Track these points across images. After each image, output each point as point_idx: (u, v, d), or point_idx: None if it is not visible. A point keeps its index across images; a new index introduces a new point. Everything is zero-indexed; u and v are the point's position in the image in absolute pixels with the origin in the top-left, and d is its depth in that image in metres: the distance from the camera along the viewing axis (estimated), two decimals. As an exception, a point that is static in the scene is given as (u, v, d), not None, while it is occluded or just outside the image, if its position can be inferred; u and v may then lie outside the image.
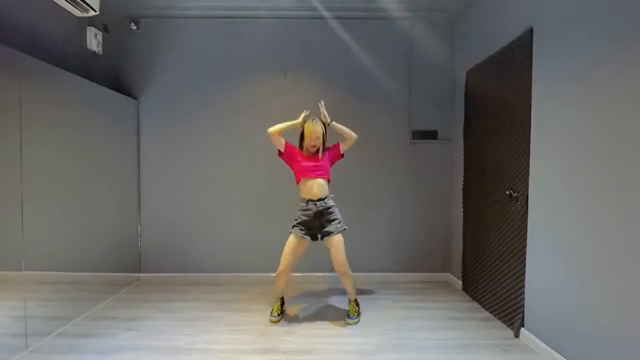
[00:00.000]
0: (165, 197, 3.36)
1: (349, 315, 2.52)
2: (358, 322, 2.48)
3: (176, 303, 2.81)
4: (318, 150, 2.49)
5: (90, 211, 2.73)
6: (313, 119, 2.49)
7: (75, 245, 2.59)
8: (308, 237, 2.45)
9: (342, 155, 2.61)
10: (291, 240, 2.46)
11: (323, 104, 2.56)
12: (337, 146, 2.58)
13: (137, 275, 3.36)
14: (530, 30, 2.15)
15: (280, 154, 2.56)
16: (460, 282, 3.16)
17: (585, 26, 1.74)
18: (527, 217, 2.19)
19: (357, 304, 2.60)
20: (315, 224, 2.45)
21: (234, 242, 3.39)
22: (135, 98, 3.31)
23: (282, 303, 2.62)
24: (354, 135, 2.55)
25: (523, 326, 2.24)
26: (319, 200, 2.45)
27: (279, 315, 2.52)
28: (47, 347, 2.11)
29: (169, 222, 3.36)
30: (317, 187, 2.44)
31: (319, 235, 2.46)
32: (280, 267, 2.47)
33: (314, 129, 2.44)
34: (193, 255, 3.38)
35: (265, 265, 3.34)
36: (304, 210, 2.46)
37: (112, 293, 2.95)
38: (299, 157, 2.50)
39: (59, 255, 2.44)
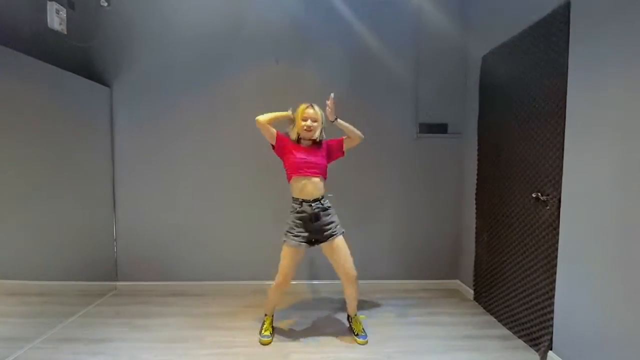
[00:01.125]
0: (143, 198, 2.99)
1: (357, 335, 2.21)
2: (368, 340, 2.18)
3: (153, 319, 2.47)
4: (314, 140, 2.14)
5: (59, 214, 2.42)
6: (310, 104, 2.14)
7: (43, 252, 2.30)
8: (304, 245, 2.11)
9: (344, 153, 2.26)
10: (286, 251, 2.11)
11: (333, 96, 2.13)
12: (340, 141, 2.22)
13: (114, 284, 3.01)
14: (568, 4, 1.81)
15: (273, 147, 2.20)
16: (471, 291, 2.87)
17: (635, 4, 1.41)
18: (558, 225, 1.88)
19: (360, 320, 2.30)
20: (311, 228, 2.11)
21: (219, 249, 3.05)
22: (107, 85, 2.92)
23: (272, 320, 2.30)
24: (360, 134, 2.20)
25: (551, 349, 1.95)
26: (315, 200, 2.10)
27: (271, 334, 2.20)
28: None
29: (149, 225, 3.01)
30: (311, 186, 2.09)
31: (314, 240, 2.13)
32: (280, 279, 2.13)
33: (309, 111, 2.10)
34: (174, 263, 3.04)
35: (251, 273, 3.03)
36: (297, 212, 2.11)
37: (83, 305, 2.62)
38: (292, 148, 2.13)
39: (24, 262, 2.16)
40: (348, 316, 2.34)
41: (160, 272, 3.03)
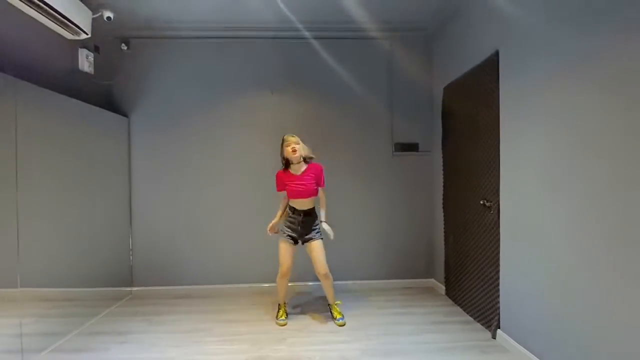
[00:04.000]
0: (156, 213, 3.43)
1: (336, 318, 2.69)
2: (345, 321, 2.67)
3: (168, 316, 2.87)
4: (303, 160, 2.66)
5: (83, 228, 2.79)
6: (289, 134, 2.69)
7: (69, 262, 2.65)
8: (292, 240, 2.67)
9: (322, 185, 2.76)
10: (282, 245, 2.68)
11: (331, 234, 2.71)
12: (321, 175, 2.70)
13: (129, 289, 3.40)
14: (497, 53, 2.34)
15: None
16: (443, 287, 3.30)
17: (546, 48, 1.93)
18: (499, 225, 2.35)
19: (338, 306, 2.79)
20: (299, 232, 2.67)
21: (225, 255, 3.47)
22: (126, 116, 3.40)
23: (285, 306, 2.82)
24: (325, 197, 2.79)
25: (499, 328, 2.38)
26: (308, 210, 2.69)
27: (285, 318, 2.71)
28: (42, 363, 2.16)
29: (160, 237, 3.43)
30: (306, 203, 2.69)
31: (300, 241, 2.69)
32: (281, 270, 2.68)
33: (290, 139, 2.64)
34: (184, 269, 3.45)
35: (255, 277, 3.44)
36: (291, 217, 2.70)
37: (105, 307, 3.00)
38: (288, 181, 2.67)
39: (53, 271, 2.49)
40: (328, 304, 2.80)
41: (171, 278, 3.44)
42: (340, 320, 2.67)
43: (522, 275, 2.14)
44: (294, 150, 2.60)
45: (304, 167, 2.67)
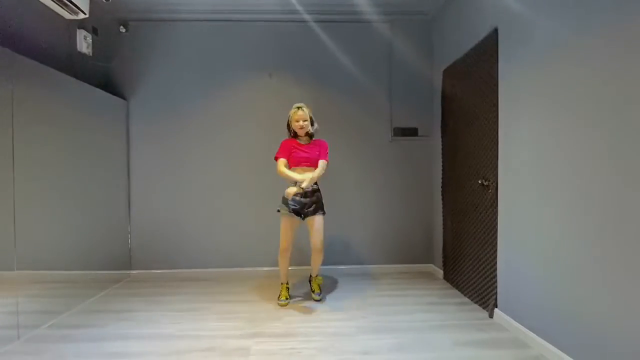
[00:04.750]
0: (155, 195, 3.44)
1: (314, 291, 2.75)
2: (322, 296, 2.75)
3: (166, 297, 2.88)
4: (307, 134, 2.65)
5: (81, 210, 2.79)
6: (297, 107, 2.64)
7: (67, 244, 2.64)
8: (295, 215, 2.60)
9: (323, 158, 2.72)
10: (282, 220, 2.64)
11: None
12: (325, 150, 2.67)
13: (128, 272, 3.42)
14: (496, 30, 2.32)
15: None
16: (441, 272, 3.30)
17: (545, 25, 1.91)
18: (497, 204, 2.35)
19: (319, 280, 2.83)
20: (302, 202, 2.60)
21: (225, 238, 3.48)
22: (124, 98, 3.40)
23: (288, 288, 2.78)
24: (322, 170, 2.62)
25: (497, 307, 2.38)
26: None
27: (287, 299, 2.68)
28: (39, 337, 2.17)
29: (159, 220, 3.44)
30: (309, 173, 2.59)
31: (302, 215, 2.61)
32: (281, 246, 2.66)
33: (299, 112, 2.61)
34: (183, 252, 3.46)
35: (258, 260, 3.44)
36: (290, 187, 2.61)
37: (103, 289, 3.01)
38: (293, 149, 2.64)
39: (50, 254, 2.48)
40: (310, 276, 2.82)
41: (169, 261, 3.45)
42: (317, 296, 2.72)
43: (520, 253, 2.13)
44: (302, 128, 2.61)
45: (309, 140, 2.70)
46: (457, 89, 2.94)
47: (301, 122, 2.60)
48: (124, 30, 3.35)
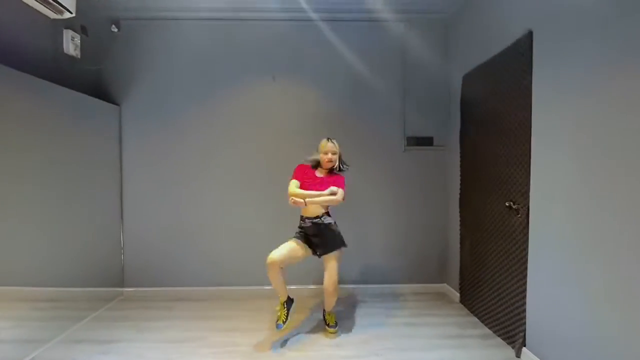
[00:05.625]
0: (149, 209, 3.19)
1: (329, 324, 2.49)
2: (337, 330, 2.49)
3: (159, 322, 2.65)
4: (332, 168, 2.46)
5: (71, 224, 2.59)
6: (328, 139, 2.45)
7: (55, 260, 2.46)
8: (307, 245, 2.41)
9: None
10: (291, 240, 2.42)
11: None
12: (341, 182, 2.43)
13: (121, 289, 3.19)
14: (530, 34, 2.04)
15: None
16: (457, 294, 3.04)
17: (589, 31, 1.63)
18: (528, 231, 2.08)
19: (334, 313, 2.58)
20: (312, 241, 2.42)
21: (224, 255, 3.23)
22: (116, 104, 3.15)
23: (288, 306, 2.40)
24: (331, 199, 2.36)
25: (525, 345, 2.12)
26: (316, 217, 2.41)
27: (283, 323, 2.32)
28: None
29: (154, 235, 3.20)
30: (313, 207, 2.40)
31: (318, 253, 2.43)
32: (269, 257, 2.26)
33: (329, 145, 2.43)
34: (177, 270, 3.22)
35: (257, 279, 3.18)
36: (301, 227, 2.49)
37: (92, 310, 2.79)
38: (307, 177, 2.45)
39: (37, 270, 2.31)
40: (324, 310, 2.56)
41: (163, 279, 3.21)
42: (332, 328, 2.47)
43: (555, 287, 1.86)
44: (330, 161, 2.43)
45: (326, 173, 2.49)
46: (480, 96, 2.65)
47: (330, 155, 2.41)
48: (116, 30, 3.09)
